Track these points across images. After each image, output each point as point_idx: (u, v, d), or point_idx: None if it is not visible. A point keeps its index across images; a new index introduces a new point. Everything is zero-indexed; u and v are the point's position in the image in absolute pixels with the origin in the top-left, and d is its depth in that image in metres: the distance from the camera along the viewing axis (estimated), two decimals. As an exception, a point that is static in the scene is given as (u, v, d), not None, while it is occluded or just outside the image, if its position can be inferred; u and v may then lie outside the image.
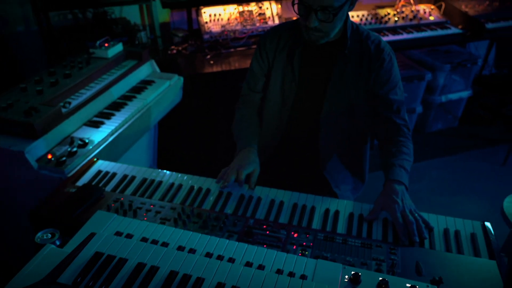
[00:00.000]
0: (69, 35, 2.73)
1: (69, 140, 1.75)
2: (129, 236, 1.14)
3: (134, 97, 2.09)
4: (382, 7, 3.28)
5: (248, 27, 2.76)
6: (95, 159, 1.66)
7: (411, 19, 2.94)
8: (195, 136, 2.84)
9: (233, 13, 2.75)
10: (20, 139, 1.63)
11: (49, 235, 1.14)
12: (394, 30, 2.85)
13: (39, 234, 1.14)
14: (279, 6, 2.83)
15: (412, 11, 3.01)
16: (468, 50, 3.66)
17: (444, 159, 3.29)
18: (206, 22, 2.70)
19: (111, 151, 1.83)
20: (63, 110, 1.77)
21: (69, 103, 1.82)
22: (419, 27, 2.90)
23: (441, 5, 3.19)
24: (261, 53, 1.67)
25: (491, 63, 4.13)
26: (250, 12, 2.74)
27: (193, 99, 2.53)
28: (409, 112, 3.30)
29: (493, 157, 3.31)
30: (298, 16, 1.48)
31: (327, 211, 1.40)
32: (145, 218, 1.32)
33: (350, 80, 1.59)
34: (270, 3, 2.79)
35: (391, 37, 2.76)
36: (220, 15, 2.74)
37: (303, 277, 1.02)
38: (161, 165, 2.83)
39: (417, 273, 1.14)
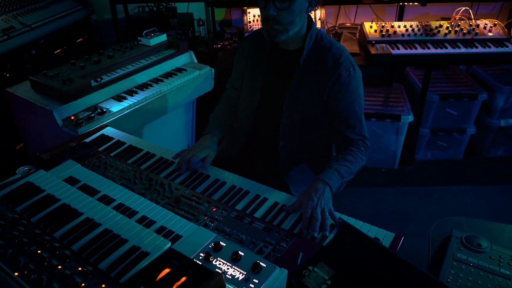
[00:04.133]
0: (140, 25, 3.21)
1: (93, 108, 2.15)
2: (76, 180, 1.47)
3: (162, 80, 2.43)
4: (448, 19, 3.13)
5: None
6: (107, 126, 2.04)
7: (464, 34, 2.76)
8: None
9: (277, 15, 2.92)
10: (56, 101, 2.08)
11: (26, 170, 1.52)
12: (441, 43, 2.71)
13: (20, 168, 1.52)
14: (323, 11, 2.92)
15: (470, 25, 2.82)
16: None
17: (489, 188, 3.01)
18: (249, 22, 2.94)
19: (127, 121, 2.19)
20: (94, 83, 2.19)
21: (101, 78, 2.24)
22: (471, 43, 2.71)
23: (513, 21, 2.93)
24: (240, 53, 1.84)
25: None
26: (293, 15, 2.88)
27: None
28: (459, 133, 3.10)
29: (555, 196, 2.93)
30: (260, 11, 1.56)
31: (257, 196, 1.54)
32: (110, 174, 1.64)
33: (306, 91, 1.65)
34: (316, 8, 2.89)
35: (432, 50, 2.65)
36: (264, 16, 2.94)
37: (177, 236, 1.22)
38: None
39: (312, 263, 1.24)
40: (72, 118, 2.05)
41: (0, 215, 1.11)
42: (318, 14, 2.92)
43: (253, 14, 2.98)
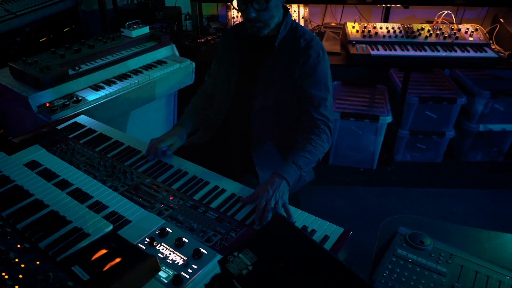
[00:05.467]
0: (127, 17, 3.23)
1: (70, 96, 2.19)
2: (38, 164, 1.51)
3: (141, 72, 2.47)
4: (432, 22, 3.15)
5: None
6: (81, 114, 2.08)
7: (445, 37, 2.79)
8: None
9: (261, 12, 2.95)
10: (32, 88, 2.12)
11: (-7, 153, 1.56)
12: (421, 46, 2.74)
13: (-13, 151, 1.56)
14: (307, 10, 2.95)
15: (451, 29, 2.85)
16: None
17: (466, 191, 3.04)
18: (233, 18, 2.97)
19: (103, 111, 2.23)
20: (72, 72, 2.22)
21: (80, 67, 2.27)
22: (451, 46, 2.74)
23: (496, 27, 2.95)
24: (222, 44, 1.93)
25: None
26: (276, 12, 2.91)
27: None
28: (438, 136, 3.13)
29: (529, 202, 2.96)
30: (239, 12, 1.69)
31: (215, 187, 1.58)
32: (76, 160, 1.67)
33: (278, 75, 1.73)
34: (299, 6, 2.92)
35: (411, 53, 2.67)
36: (248, 12, 2.97)
37: (126, 221, 1.26)
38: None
39: (238, 249, 1.28)
40: (47, 105, 2.09)
41: (-48, 193, 1.15)
42: (301, 13, 2.95)
43: (237, 10, 3.00)
